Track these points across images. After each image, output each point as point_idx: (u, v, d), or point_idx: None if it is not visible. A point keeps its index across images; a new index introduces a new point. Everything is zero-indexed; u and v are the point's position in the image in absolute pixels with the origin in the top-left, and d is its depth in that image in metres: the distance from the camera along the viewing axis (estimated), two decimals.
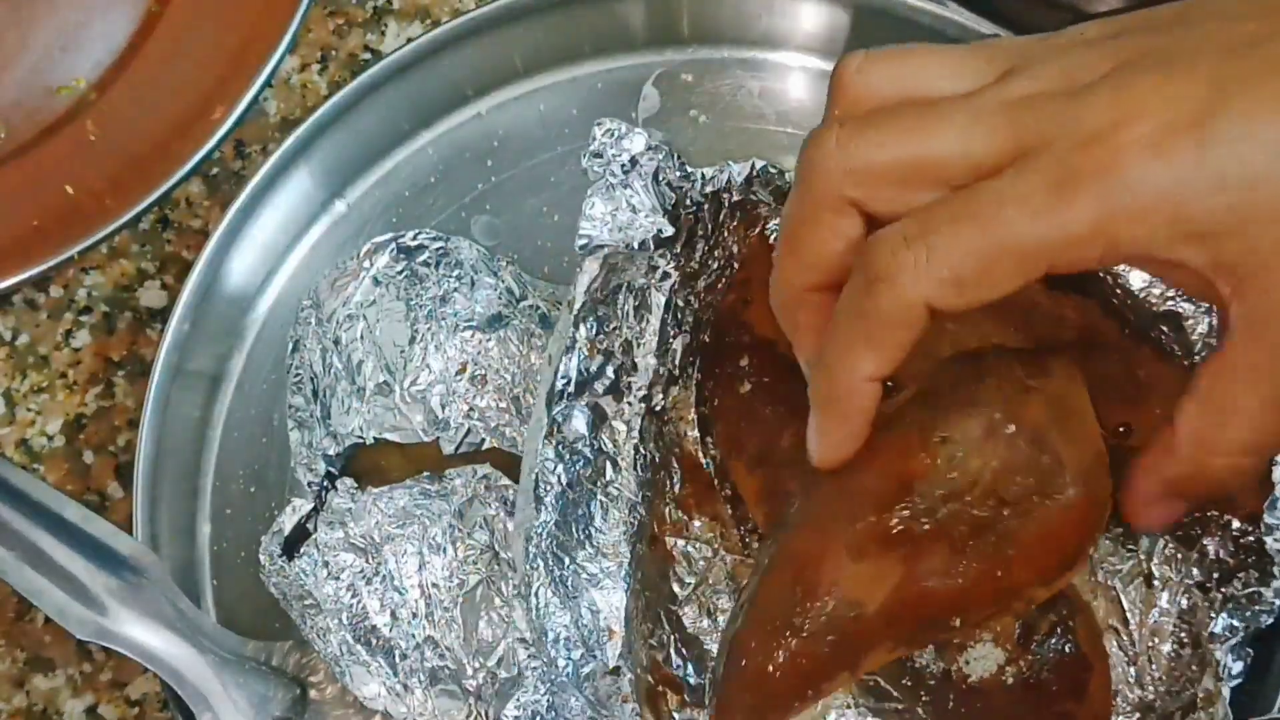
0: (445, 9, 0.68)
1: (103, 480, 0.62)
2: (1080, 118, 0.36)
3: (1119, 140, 0.36)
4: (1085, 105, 0.37)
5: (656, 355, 0.50)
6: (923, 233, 0.37)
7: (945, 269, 0.37)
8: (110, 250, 0.65)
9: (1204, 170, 0.36)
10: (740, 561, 0.54)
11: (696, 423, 0.55)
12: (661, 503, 0.53)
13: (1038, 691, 0.48)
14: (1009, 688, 0.48)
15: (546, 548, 0.48)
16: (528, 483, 0.48)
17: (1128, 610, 0.52)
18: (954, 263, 0.37)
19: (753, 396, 0.53)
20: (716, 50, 0.64)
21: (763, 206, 0.55)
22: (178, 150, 0.61)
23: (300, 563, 0.53)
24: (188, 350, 0.59)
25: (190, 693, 0.52)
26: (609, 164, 0.49)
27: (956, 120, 0.38)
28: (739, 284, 0.55)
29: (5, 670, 0.59)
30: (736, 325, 0.54)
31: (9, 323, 0.64)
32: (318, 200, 0.63)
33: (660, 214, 0.49)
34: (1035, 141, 0.37)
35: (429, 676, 0.51)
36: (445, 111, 0.64)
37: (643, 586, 0.50)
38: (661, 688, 0.51)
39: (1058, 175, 0.36)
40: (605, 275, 0.49)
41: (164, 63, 0.64)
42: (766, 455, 0.52)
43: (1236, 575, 0.49)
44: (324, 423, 0.56)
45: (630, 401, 0.50)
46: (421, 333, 0.55)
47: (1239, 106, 0.36)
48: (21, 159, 0.63)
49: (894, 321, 0.38)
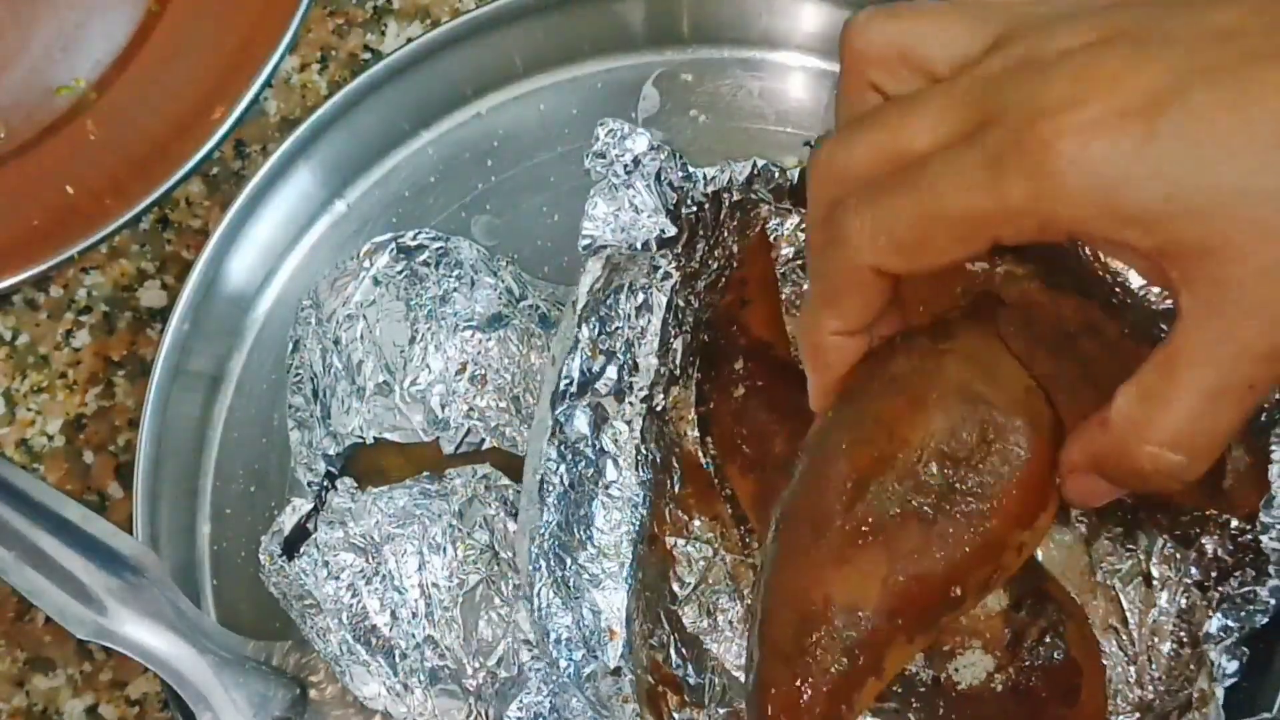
0: (445, 9, 0.68)
1: (103, 480, 0.62)
2: (1036, 94, 0.37)
3: (1065, 120, 0.36)
4: (1046, 81, 0.37)
5: (658, 355, 0.50)
6: (870, 200, 0.39)
7: (884, 235, 0.39)
8: (110, 250, 0.65)
9: (1143, 158, 0.35)
10: (740, 561, 0.54)
11: (696, 423, 0.55)
12: (662, 502, 0.53)
13: (1028, 698, 0.48)
14: (999, 695, 0.48)
15: (549, 548, 0.48)
16: (531, 483, 0.48)
17: (1127, 610, 0.52)
18: (893, 228, 0.38)
19: (746, 401, 0.53)
20: (716, 50, 0.65)
21: (763, 206, 0.55)
22: (178, 150, 0.61)
23: (300, 562, 0.53)
24: (188, 350, 0.59)
25: (190, 692, 0.52)
26: (612, 164, 0.50)
27: (932, 108, 0.39)
28: (736, 283, 0.55)
29: (5, 670, 0.59)
30: (733, 326, 0.54)
31: (9, 323, 0.64)
32: (318, 200, 0.63)
33: (663, 214, 0.49)
34: (994, 115, 0.37)
35: (429, 676, 0.51)
36: (445, 111, 0.64)
37: (643, 586, 0.50)
38: (661, 688, 0.51)
39: (998, 149, 0.37)
40: (607, 275, 0.49)
41: (164, 63, 0.64)
42: (760, 461, 0.52)
43: (1234, 574, 0.49)
44: (324, 422, 0.56)
45: (632, 401, 0.50)
46: (421, 332, 0.55)
47: (1197, 99, 0.35)
48: (21, 159, 0.63)
49: (848, 282, 0.40)
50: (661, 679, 0.51)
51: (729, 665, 0.53)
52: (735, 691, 0.52)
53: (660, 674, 0.51)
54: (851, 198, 0.39)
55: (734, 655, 0.53)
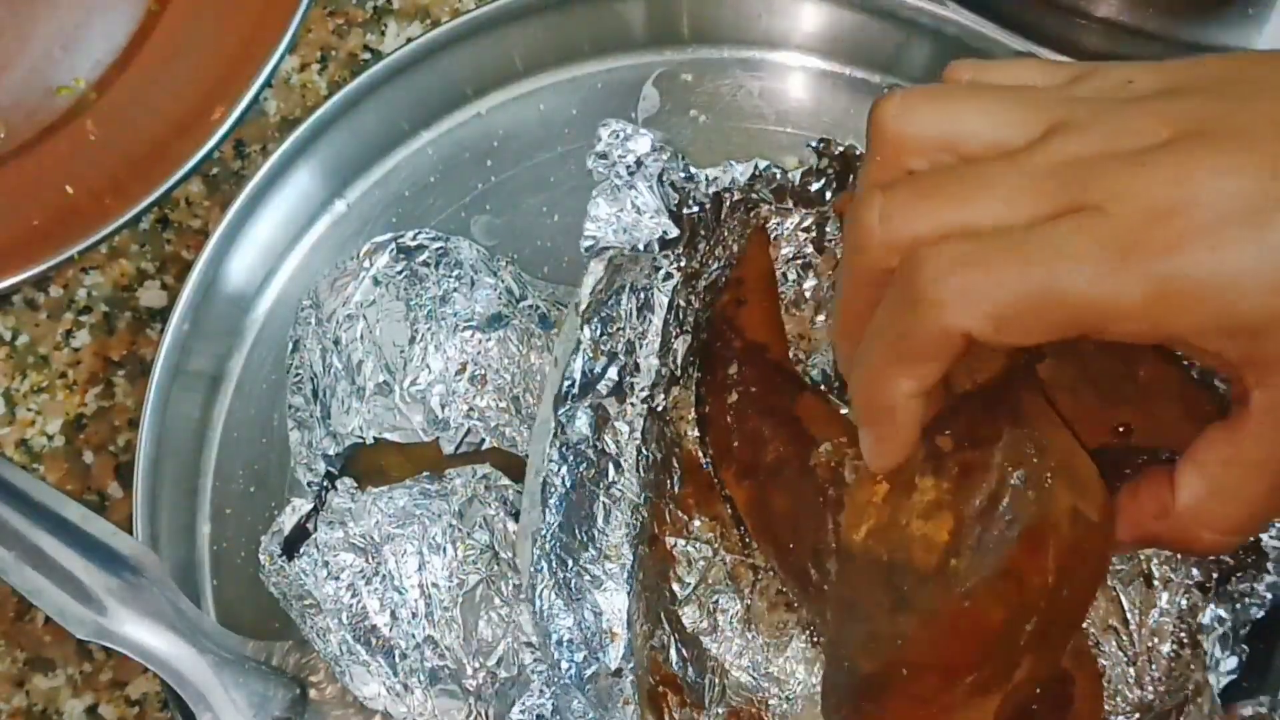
0: (445, 9, 0.68)
1: (103, 480, 0.62)
2: (1141, 191, 0.36)
3: (1180, 224, 0.35)
4: (1148, 177, 0.36)
5: (659, 356, 0.50)
6: (975, 262, 0.37)
7: (991, 303, 0.37)
8: (110, 250, 0.65)
9: (1259, 269, 0.35)
10: (740, 561, 0.54)
11: (696, 423, 0.55)
12: (662, 502, 0.53)
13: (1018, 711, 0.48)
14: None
15: (550, 550, 0.48)
16: (534, 485, 0.48)
17: (1127, 610, 0.52)
18: (1001, 299, 0.36)
19: (739, 406, 0.53)
20: (716, 50, 0.65)
21: (763, 206, 0.55)
22: (178, 150, 0.61)
23: (300, 563, 0.53)
24: (188, 350, 0.59)
25: (190, 692, 0.52)
26: (614, 165, 0.50)
27: (1004, 185, 0.38)
28: (733, 284, 0.55)
29: (5, 670, 0.59)
30: (729, 328, 0.54)
31: (9, 323, 0.64)
32: (318, 200, 0.63)
33: (665, 215, 0.49)
34: (1092, 202, 0.36)
35: (429, 676, 0.51)
36: (445, 111, 0.64)
37: (642, 587, 0.50)
38: (662, 688, 0.51)
39: (1120, 243, 0.36)
40: (609, 276, 0.49)
41: (164, 63, 0.64)
42: (752, 468, 0.52)
43: (1236, 575, 0.49)
44: (324, 423, 0.56)
45: (633, 402, 0.50)
46: (421, 333, 0.55)
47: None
48: (21, 159, 0.63)
49: (934, 344, 0.38)
50: (662, 679, 0.51)
51: (729, 665, 0.53)
52: (735, 692, 0.53)
53: (660, 674, 0.51)
54: (941, 261, 0.37)
55: (733, 655, 0.53)
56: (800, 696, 0.53)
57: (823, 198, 0.55)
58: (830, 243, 0.56)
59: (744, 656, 0.53)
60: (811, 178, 0.54)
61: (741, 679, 0.53)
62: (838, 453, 0.50)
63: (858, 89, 0.64)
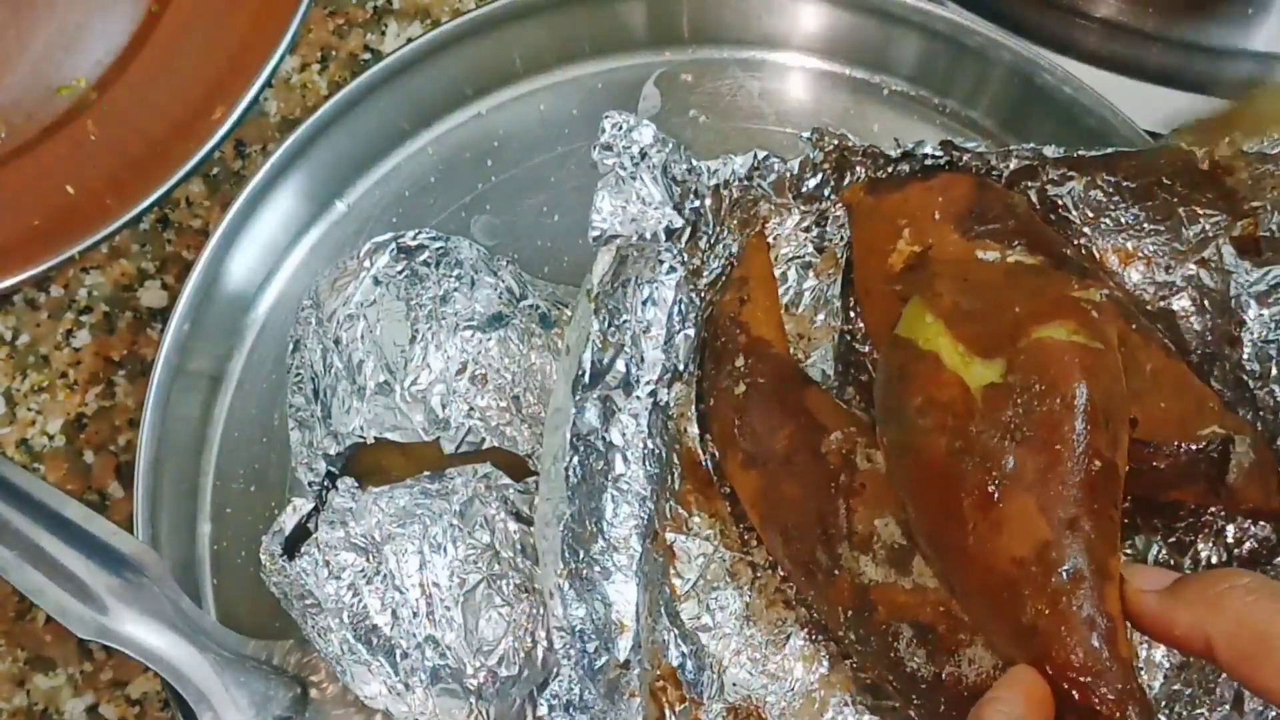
0: (445, 9, 0.68)
1: (103, 480, 0.62)
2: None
3: None
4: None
5: (663, 349, 0.50)
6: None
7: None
8: (110, 250, 0.65)
9: None
10: (739, 558, 0.54)
11: (696, 420, 0.55)
12: (662, 499, 0.53)
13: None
14: None
15: (564, 539, 0.48)
16: (556, 472, 0.48)
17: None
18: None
19: (747, 398, 0.53)
20: (716, 50, 0.65)
21: (763, 204, 0.55)
22: (178, 150, 0.61)
23: (301, 562, 0.53)
24: (188, 350, 0.59)
25: (191, 692, 0.52)
26: (619, 156, 0.50)
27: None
28: (737, 282, 0.55)
29: (6, 669, 0.59)
30: (733, 324, 0.54)
31: (9, 323, 0.64)
32: (318, 200, 0.63)
33: (669, 206, 0.49)
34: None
35: (430, 675, 0.52)
36: (445, 111, 0.64)
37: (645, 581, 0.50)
38: (661, 682, 0.51)
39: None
40: (616, 268, 0.49)
41: (164, 63, 0.64)
42: (761, 456, 0.52)
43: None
44: (324, 422, 0.56)
45: (639, 395, 0.50)
46: (422, 332, 0.55)
47: None
48: (22, 159, 0.63)
49: None
50: (662, 673, 0.51)
51: (727, 661, 0.53)
52: (733, 688, 0.53)
53: (660, 668, 0.51)
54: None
55: (732, 651, 0.53)
56: (798, 694, 0.53)
57: (821, 195, 0.55)
58: (830, 243, 0.56)
59: (742, 653, 0.53)
60: (809, 171, 0.54)
61: (740, 675, 0.53)
62: (849, 440, 0.50)
63: (858, 89, 0.64)
